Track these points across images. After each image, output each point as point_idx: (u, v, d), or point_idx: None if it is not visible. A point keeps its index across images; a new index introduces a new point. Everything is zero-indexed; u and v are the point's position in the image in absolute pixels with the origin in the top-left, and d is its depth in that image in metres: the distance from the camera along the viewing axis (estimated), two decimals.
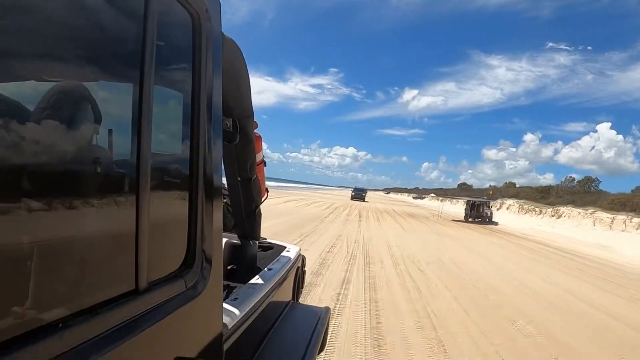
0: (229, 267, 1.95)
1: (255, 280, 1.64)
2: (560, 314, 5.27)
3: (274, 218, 11.74)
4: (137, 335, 0.61)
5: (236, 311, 1.23)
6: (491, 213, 26.97)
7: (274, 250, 2.32)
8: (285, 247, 2.35)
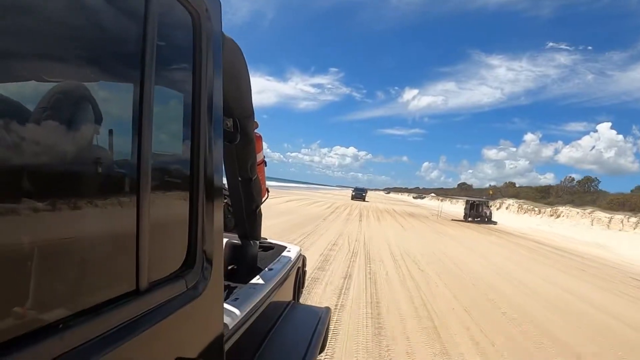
0: (229, 267, 1.95)
1: (255, 280, 1.64)
2: (554, 309, 5.42)
3: (276, 217, 11.96)
4: (137, 336, 0.60)
5: (237, 311, 1.23)
6: (490, 213, 26.97)
7: (275, 250, 2.32)
8: (285, 247, 2.34)
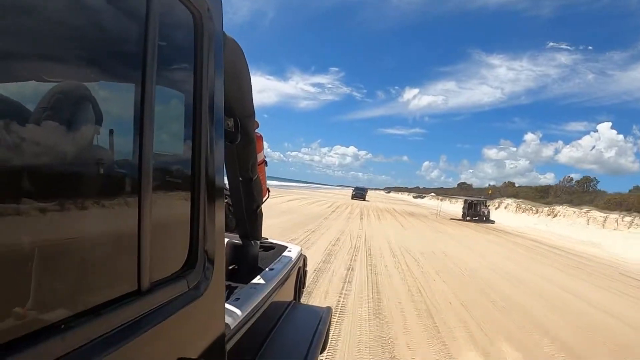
0: (230, 267, 1.95)
1: (256, 280, 1.64)
2: (552, 307, 5.56)
3: (278, 216, 12.22)
4: (139, 336, 0.60)
5: (238, 311, 1.23)
6: (488, 212, 27.07)
7: (276, 250, 2.32)
8: (286, 247, 2.34)
